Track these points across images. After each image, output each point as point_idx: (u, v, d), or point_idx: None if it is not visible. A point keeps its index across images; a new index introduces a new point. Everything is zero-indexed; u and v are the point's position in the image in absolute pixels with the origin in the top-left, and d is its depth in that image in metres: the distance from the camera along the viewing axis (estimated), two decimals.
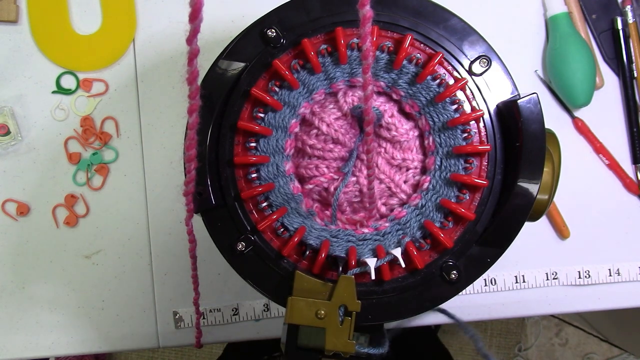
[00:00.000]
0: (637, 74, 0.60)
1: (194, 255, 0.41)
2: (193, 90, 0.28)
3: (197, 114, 0.29)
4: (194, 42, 0.25)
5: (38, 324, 0.59)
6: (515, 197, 0.38)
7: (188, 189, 0.34)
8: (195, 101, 0.28)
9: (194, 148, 0.31)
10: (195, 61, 0.26)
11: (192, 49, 0.26)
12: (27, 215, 0.59)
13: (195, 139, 0.30)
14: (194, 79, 0.27)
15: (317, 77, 0.40)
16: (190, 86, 0.27)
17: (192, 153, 0.31)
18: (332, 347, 0.36)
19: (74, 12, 0.59)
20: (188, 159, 0.31)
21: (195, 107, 0.28)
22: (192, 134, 0.30)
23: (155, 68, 0.59)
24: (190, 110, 0.28)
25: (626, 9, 0.59)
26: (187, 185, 0.34)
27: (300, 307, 0.36)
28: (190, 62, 0.26)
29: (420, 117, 0.41)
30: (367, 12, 0.25)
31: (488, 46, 0.40)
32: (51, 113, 0.59)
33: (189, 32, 0.25)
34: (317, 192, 0.42)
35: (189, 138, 0.30)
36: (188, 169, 0.32)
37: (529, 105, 0.38)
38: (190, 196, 0.35)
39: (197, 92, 0.28)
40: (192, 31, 0.25)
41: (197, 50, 0.26)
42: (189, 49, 0.26)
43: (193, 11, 0.24)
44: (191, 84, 0.27)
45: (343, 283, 0.37)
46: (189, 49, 0.26)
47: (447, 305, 0.40)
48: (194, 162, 0.32)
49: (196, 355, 1.43)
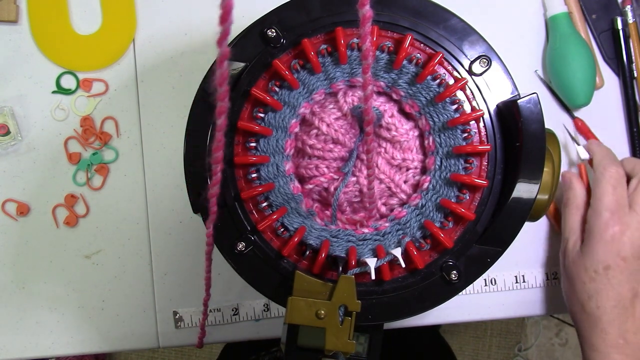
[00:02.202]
0: (638, 74, 0.60)
1: (210, 257, 0.41)
2: (222, 92, 0.27)
3: (225, 116, 0.28)
4: (224, 44, 0.25)
5: (38, 324, 0.59)
6: (515, 197, 0.38)
7: (213, 192, 0.34)
8: (224, 103, 0.28)
9: (221, 150, 0.30)
10: (225, 63, 0.26)
11: (222, 51, 0.25)
12: (27, 215, 0.59)
13: (223, 140, 0.30)
14: (224, 80, 0.27)
15: (317, 77, 0.40)
16: (220, 88, 0.27)
17: (219, 155, 0.31)
18: (333, 347, 0.36)
19: (74, 12, 0.59)
20: (215, 160, 0.31)
21: (224, 109, 0.28)
22: (220, 136, 0.29)
23: (155, 68, 0.59)
24: (219, 112, 0.28)
25: (626, 9, 0.59)
26: (212, 188, 0.33)
27: (300, 307, 0.36)
28: (220, 64, 0.26)
29: (420, 117, 0.41)
30: (367, 11, 0.25)
31: (488, 46, 0.40)
32: (51, 113, 0.59)
33: (220, 34, 0.24)
34: (317, 192, 0.42)
35: (216, 140, 0.30)
36: (214, 170, 0.32)
37: (529, 105, 0.38)
38: (215, 199, 0.34)
39: (227, 94, 0.28)
40: (223, 33, 0.24)
41: (228, 52, 0.26)
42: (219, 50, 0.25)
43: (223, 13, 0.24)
44: (221, 85, 0.27)
45: (343, 283, 0.37)
46: (219, 50, 0.25)
47: (447, 305, 0.40)
48: (220, 164, 0.31)
49: (196, 355, 1.43)
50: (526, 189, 0.38)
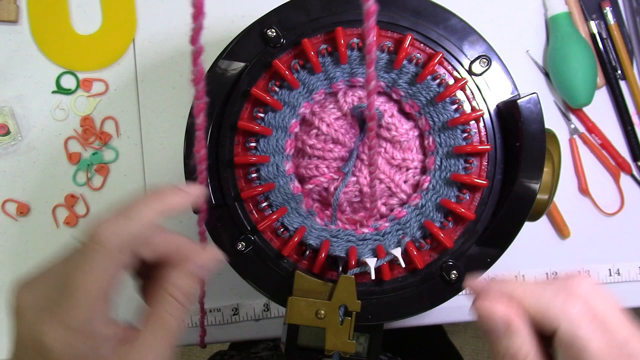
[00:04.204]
0: (625, 74, 0.60)
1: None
2: (199, 90, 0.27)
3: (204, 114, 0.28)
4: (197, 41, 0.25)
5: None
6: (515, 197, 0.38)
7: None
8: (201, 101, 0.28)
9: (203, 148, 0.30)
10: (199, 60, 0.26)
11: (196, 48, 0.25)
12: (27, 215, 0.59)
13: (204, 139, 0.30)
14: (200, 78, 0.27)
15: (317, 77, 0.40)
16: (197, 86, 0.27)
17: (202, 153, 0.30)
18: (332, 346, 0.36)
19: (74, 12, 0.59)
20: (199, 160, 0.31)
21: (202, 107, 0.28)
22: (201, 135, 0.29)
23: (155, 68, 0.59)
24: (197, 111, 0.28)
25: (605, 11, 0.59)
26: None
27: (300, 307, 0.36)
28: (194, 61, 0.26)
29: (420, 117, 0.41)
30: (371, 6, 0.25)
31: (488, 46, 0.40)
32: (51, 113, 0.59)
33: (192, 30, 0.24)
34: (317, 192, 0.42)
35: (197, 139, 0.30)
36: (199, 169, 0.32)
37: (529, 105, 0.38)
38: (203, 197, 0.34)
39: (204, 92, 0.27)
40: (195, 30, 0.24)
41: (201, 49, 0.25)
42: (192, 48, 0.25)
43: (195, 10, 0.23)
44: (197, 83, 0.27)
45: (343, 283, 0.37)
46: (193, 48, 0.25)
47: (447, 305, 0.40)
48: (205, 163, 0.31)
49: (196, 355, 1.43)
50: (526, 189, 0.38)
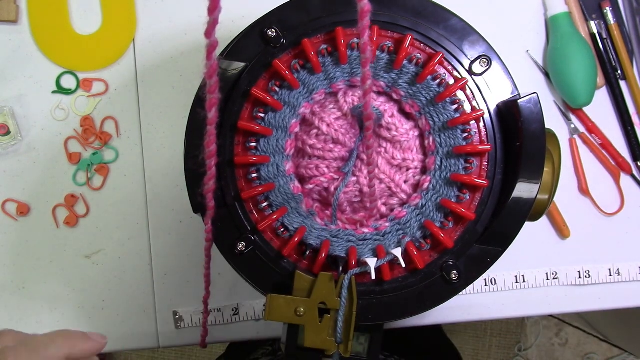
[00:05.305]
0: (625, 74, 0.60)
1: (209, 254, 0.40)
2: (212, 85, 0.27)
3: (216, 109, 0.28)
4: (212, 34, 0.24)
5: (38, 323, 0.59)
6: (515, 197, 0.38)
7: (209, 187, 0.33)
8: (214, 95, 0.27)
9: (214, 143, 0.30)
10: (214, 54, 0.26)
11: (211, 42, 0.25)
12: (27, 215, 0.59)
13: (215, 134, 0.29)
14: (213, 72, 0.26)
15: (317, 77, 0.40)
16: (210, 80, 0.26)
17: (212, 149, 0.30)
18: (312, 344, 0.36)
19: (74, 12, 0.59)
20: (208, 155, 0.30)
21: (214, 102, 0.27)
22: (212, 130, 0.29)
23: (155, 68, 0.59)
24: (210, 105, 0.27)
25: (605, 11, 0.59)
26: (208, 183, 0.33)
27: (280, 305, 0.37)
28: (209, 55, 0.25)
29: (420, 117, 0.41)
30: (365, 5, 0.24)
31: (488, 46, 0.40)
32: (51, 113, 0.59)
33: (208, 24, 0.24)
34: (317, 192, 0.42)
35: (208, 134, 0.29)
36: (209, 165, 0.31)
37: (529, 105, 0.38)
38: (211, 194, 0.34)
39: (217, 86, 0.27)
40: (211, 23, 0.24)
41: (216, 43, 0.25)
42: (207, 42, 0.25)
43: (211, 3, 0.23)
44: (210, 77, 0.26)
45: (322, 280, 0.37)
46: (208, 41, 0.25)
47: (447, 305, 0.40)
48: (214, 158, 0.31)
49: (196, 355, 1.43)
50: (526, 189, 0.38)
